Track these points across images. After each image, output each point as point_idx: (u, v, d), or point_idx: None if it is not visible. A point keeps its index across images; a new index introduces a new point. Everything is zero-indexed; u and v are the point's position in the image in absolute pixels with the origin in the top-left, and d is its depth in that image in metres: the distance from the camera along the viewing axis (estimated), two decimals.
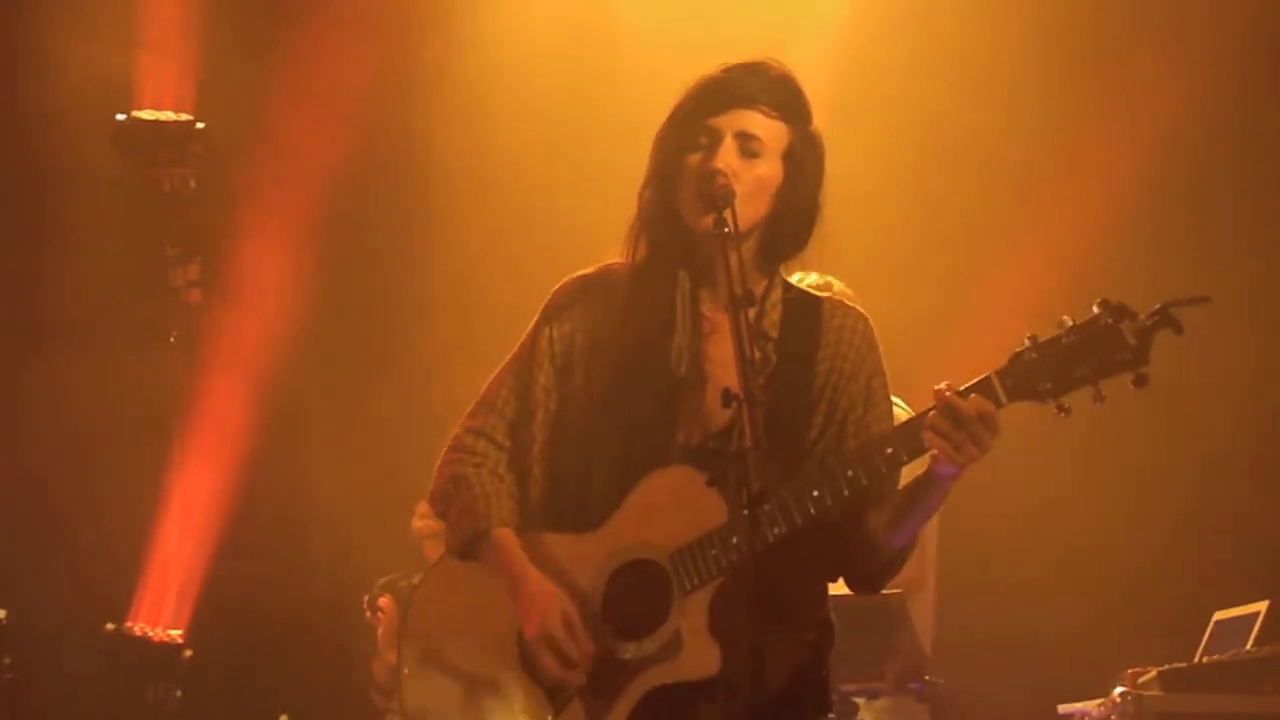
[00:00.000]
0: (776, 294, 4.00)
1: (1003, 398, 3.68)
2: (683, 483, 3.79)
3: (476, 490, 3.99)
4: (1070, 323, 3.67)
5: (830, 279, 6.11)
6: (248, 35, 8.10)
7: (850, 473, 3.76)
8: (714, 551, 3.77)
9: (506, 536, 3.96)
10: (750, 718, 3.61)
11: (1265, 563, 6.97)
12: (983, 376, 3.71)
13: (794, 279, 5.81)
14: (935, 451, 3.70)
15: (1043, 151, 7.73)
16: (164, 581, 7.78)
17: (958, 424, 3.66)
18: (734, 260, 3.73)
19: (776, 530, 3.76)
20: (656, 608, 3.84)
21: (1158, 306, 3.61)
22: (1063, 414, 3.66)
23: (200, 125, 7.91)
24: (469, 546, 3.99)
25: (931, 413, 3.69)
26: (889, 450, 3.76)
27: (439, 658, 4.01)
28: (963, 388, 3.70)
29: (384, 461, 7.62)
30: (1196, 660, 5.96)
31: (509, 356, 4.06)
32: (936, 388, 3.71)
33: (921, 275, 7.29)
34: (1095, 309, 3.65)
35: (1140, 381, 3.62)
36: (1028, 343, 3.69)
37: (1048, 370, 3.66)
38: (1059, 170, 7.69)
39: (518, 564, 3.93)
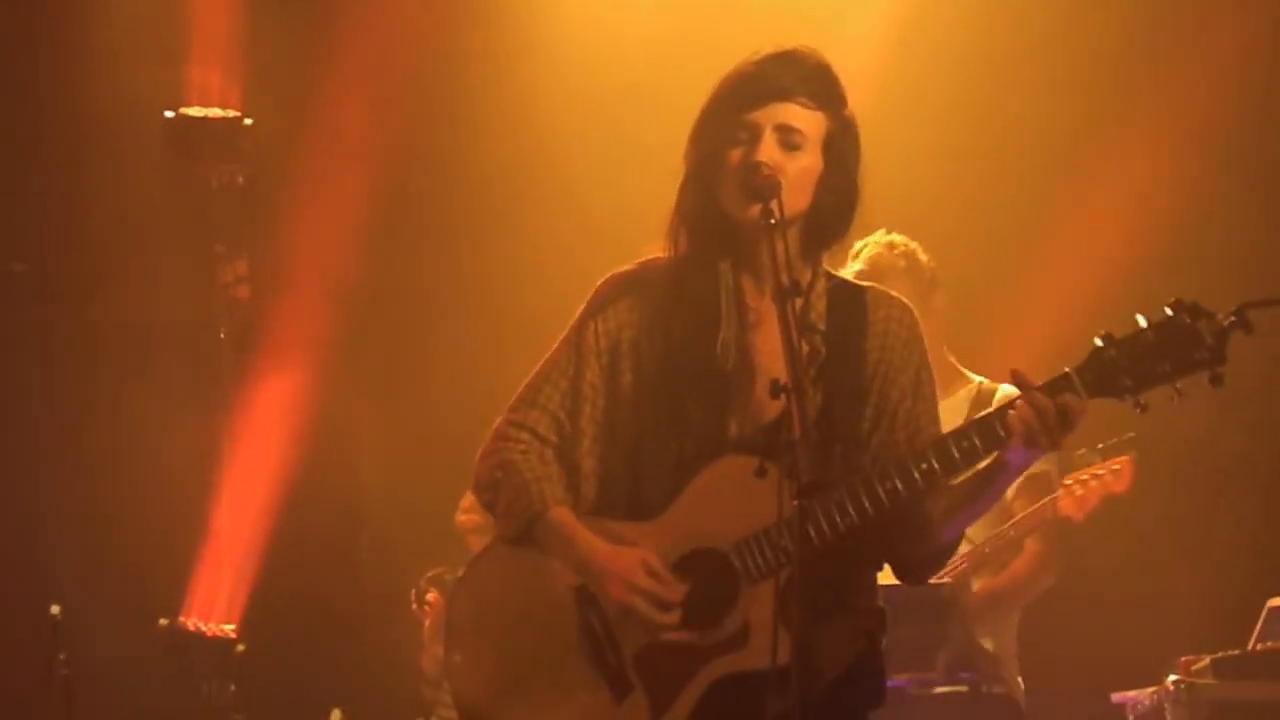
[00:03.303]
0: (821, 285, 3.99)
1: (1083, 394, 3.74)
2: (744, 472, 3.76)
3: (527, 475, 3.97)
4: (1145, 321, 3.74)
5: (911, 244, 6.14)
6: (294, 30, 8.12)
7: (925, 465, 3.79)
8: (784, 541, 3.78)
9: (565, 515, 3.95)
10: (809, 707, 3.57)
11: None
12: (1062, 373, 3.76)
13: (872, 238, 5.91)
14: (1015, 441, 3.75)
15: (1088, 139, 7.69)
16: (217, 577, 7.81)
17: (1042, 418, 3.72)
18: (780, 250, 3.73)
19: (846, 521, 3.79)
20: (721, 597, 3.84)
21: (1235, 308, 3.71)
22: (1139, 410, 3.75)
23: (248, 121, 7.93)
24: (524, 530, 3.97)
25: (1017, 404, 3.74)
26: (967, 443, 3.79)
27: (488, 647, 4.00)
28: (1043, 384, 3.75)
29: (430, 456, 7.63)
30: (1250, 648, 5.92)
31: (550, 353, 4.05)
32: (1016, 376, 3.76)
33: (968, 261, 7.25)
34: (1169, 309, 3.73)
35: (1216, 381, 3.72)
36: (1101, 341, 3.75)
37: (1128, 368, 3.73)
38: (1106, 157, 7.64)
39: (582, 537, 3.92)
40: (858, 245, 6.17)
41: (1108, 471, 5.95)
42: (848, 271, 6.08)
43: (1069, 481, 5.99)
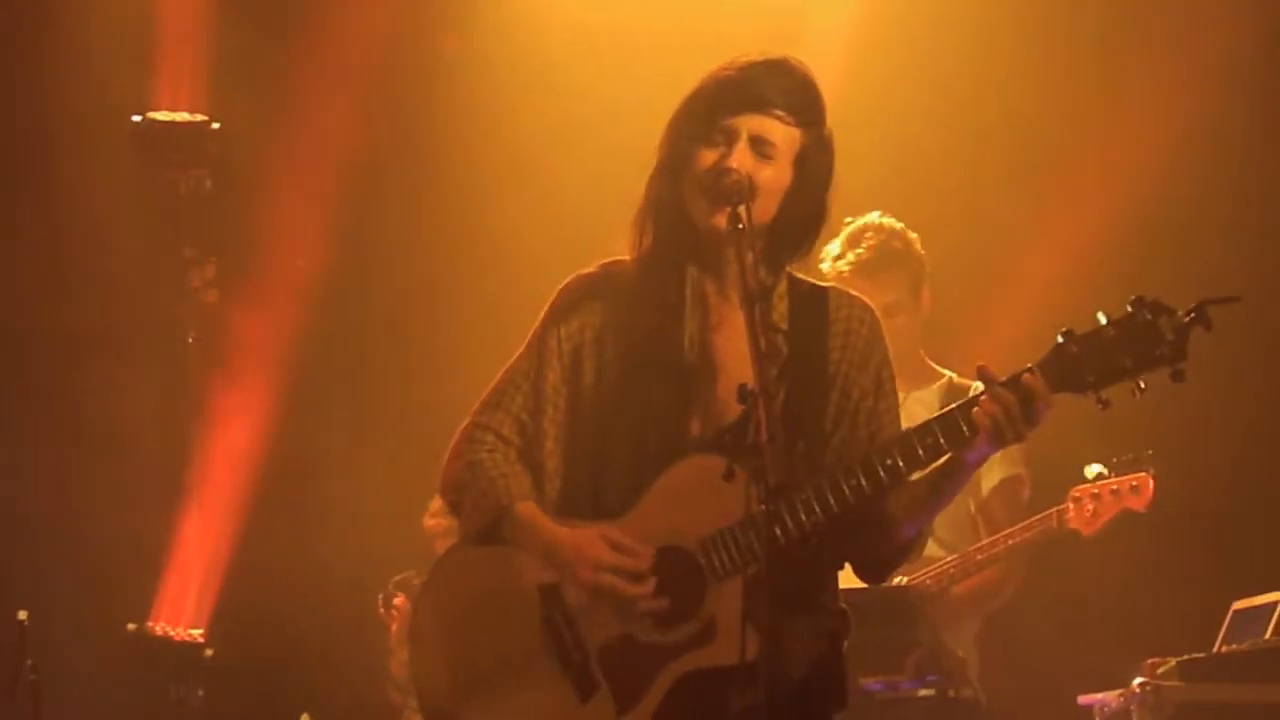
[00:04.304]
0: (783, 285, 4.02)
1: (1047, 388, 3.76)
2: (709, 471, 3.78)
3: (493, 472, 4.00)
4: (1106, 318, 3.76)
5: (910, 231, 6.13)
6: (262, 34, 8.11)
7: (890, 461, 3.82)
8: (749, 538, 3.80)
9: (531, 508, 3.97)
10: (773, 706, 3.58)
11: None
12: (1025, 369, 3.78)
13: (869, 220, 5.88)
14: (980, 436, 3.78)
15: (1065, 138, 7.71)
16: (184, 581, 7.80)
17: (1007, 413, 3.74)
18: (748, 256, 3.75)
19: (812, 519, 3.81)
20: (687, 594, 3.86)
21: (1194, 304, 3.73)
22: (1102, 406, 3.77)
23: (215, 125, 7.92)
24: (490, 527, 3.98)
25: (981, 400, 3.76)
26: (930, 439, 3.81)
27: (453, 649, 4.01)
28: (1005, 379, 3.77)
29: (398, 461, 7.62)
30: (1215, 650, 5.94)
31: (514, 357, 4.08)
32: (981, 372, 3.78)
33: (935, 259, 7.29)
34: (1130, 306, 3.76)
35: (1178, 376, 3.74)
36: (1063, 337, 3.78)
37: (1090, 364, 3.76)
38: (1075, 156, 7.66)
39: (547, 529, 3.93)
40: (854, 227, 6.10)
41: (1125, 488, 5.91)
42: (843, 254, 6.09)
43: (1078, 495, 5.95)
